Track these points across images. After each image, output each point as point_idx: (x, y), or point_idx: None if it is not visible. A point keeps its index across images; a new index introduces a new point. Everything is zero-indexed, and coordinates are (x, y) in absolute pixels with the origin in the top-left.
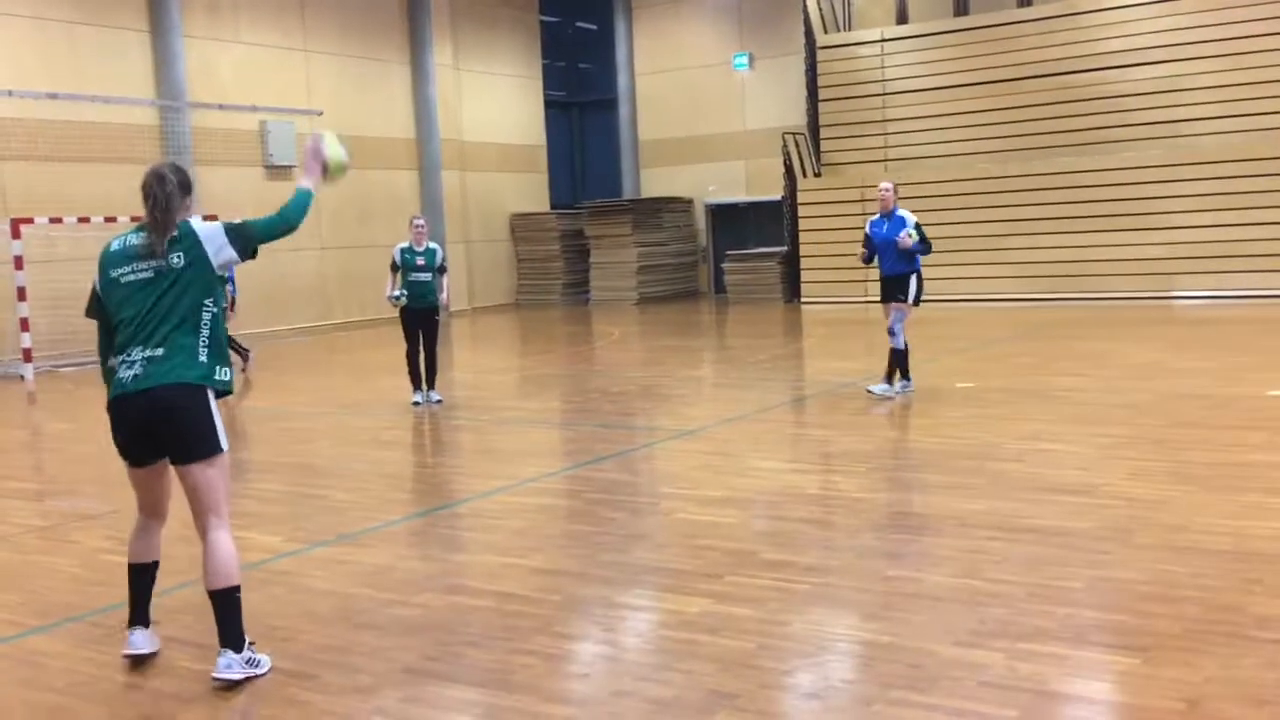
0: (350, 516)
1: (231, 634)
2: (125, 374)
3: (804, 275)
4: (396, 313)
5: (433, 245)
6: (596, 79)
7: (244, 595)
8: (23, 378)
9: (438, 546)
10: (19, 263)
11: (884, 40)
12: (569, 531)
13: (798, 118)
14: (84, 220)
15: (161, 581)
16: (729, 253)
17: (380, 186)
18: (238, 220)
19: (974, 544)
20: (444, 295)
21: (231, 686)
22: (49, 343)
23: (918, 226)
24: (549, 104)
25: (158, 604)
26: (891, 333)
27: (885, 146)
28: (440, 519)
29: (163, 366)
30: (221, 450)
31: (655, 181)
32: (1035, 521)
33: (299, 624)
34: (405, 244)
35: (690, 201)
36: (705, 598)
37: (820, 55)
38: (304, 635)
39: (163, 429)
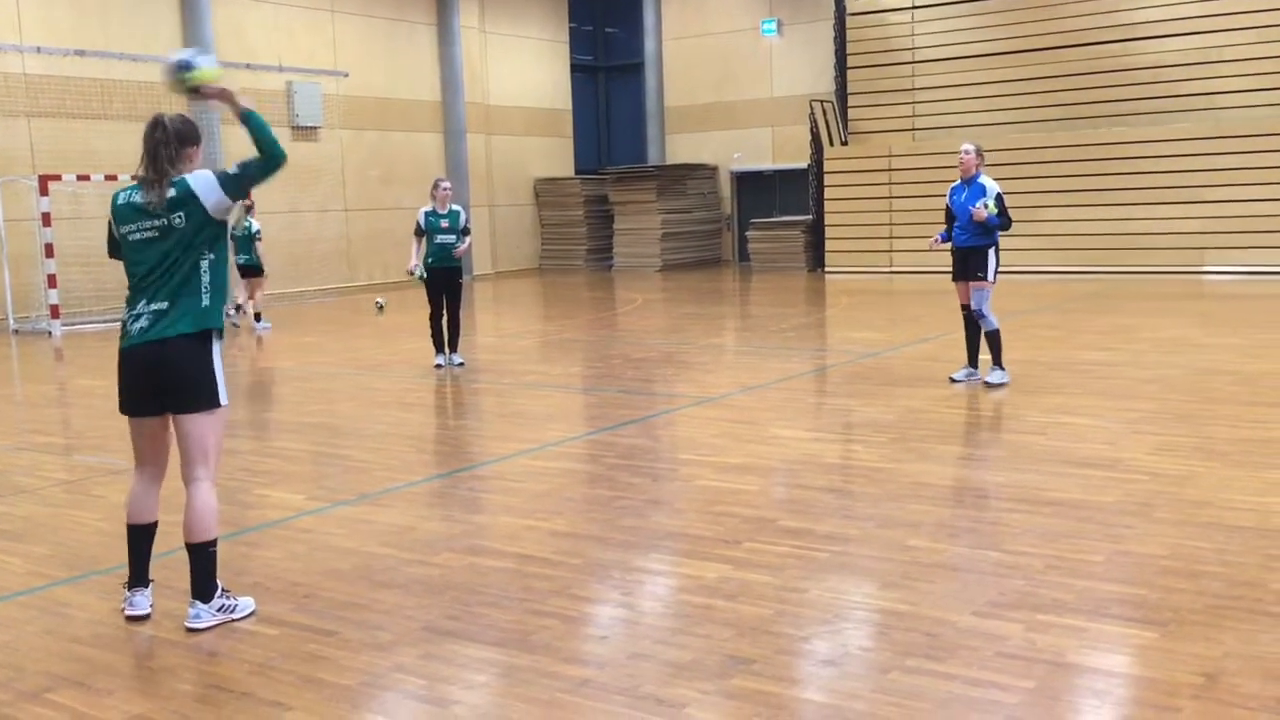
0: (372, 476)
1: (201, 586)
2: (133, 326)
3: (829, 244)
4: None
5: (456, 208)
6: (623, 43)
7: (265, 552)
8: (50, 334)
9: (458, 508)
10: (46, 219)
11: (915, 7)
12: (589, 496)
13: (825, 85)
14: (111, 178)
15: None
16: (753, 221)
17: (405, 149)
18: (233, 169)
19: (994, 515)
20: (461, 248)
21: (193, 632)
22: (76, 300)
23: (999, 198)
24: (575, 68)
25: (181, 559)
26: (980, 315)
27: (913, 115)
28: (461, 480)
29: (168, 319)
30: (220, 405)
31: (680, 148)
32: (1057, 494)
33: (320, 581)
34: (429, 207)
35: (715, 168)
36: (724, 564)
37: (850, 22)
38: (325, 592)
39: (166, 378)
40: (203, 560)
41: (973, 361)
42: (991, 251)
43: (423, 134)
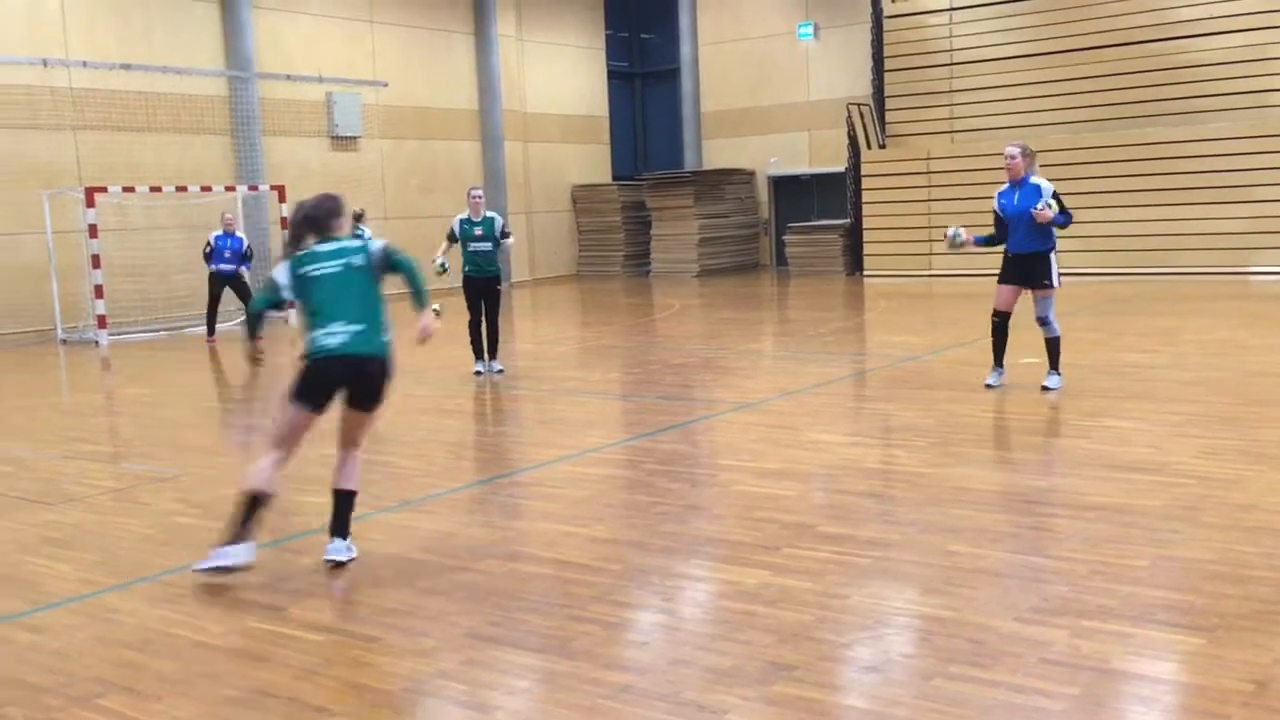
0: (413, 483)
1: (343, 526)
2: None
3: (867, 248)
4: (459, 282)
5: (490, 214)
6: (659, 49)
7: (309, 559)
8: (97, 343)
9: (499, 514)
10: (93, 231)
11: (953, 9)
12: (628, 501)
13: (863, 88)
14: (155, 189)
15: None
16: (790, 225)
17: (443, 157)
18: (395, 250)
19: (1037, 520)
20: (509, 242)
21: (336, 564)
22: (122, 310)
23: (1056, 196)
24: (611, 74)
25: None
26: (1045, 322)
27: (952, 118)
28: (501, 487)
29: (362, 337)
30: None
31: (717, 153)
32: (1100, 499)
33: (363, 587)
34: (464, 215)
35: (752, 173)
36: (764, 569)
37: (887, 25)
38: (368, 598)
39: (357, 383)
40: (347, 506)
41: (999, 362)
42: (1054, 256)
43: (461, 142)
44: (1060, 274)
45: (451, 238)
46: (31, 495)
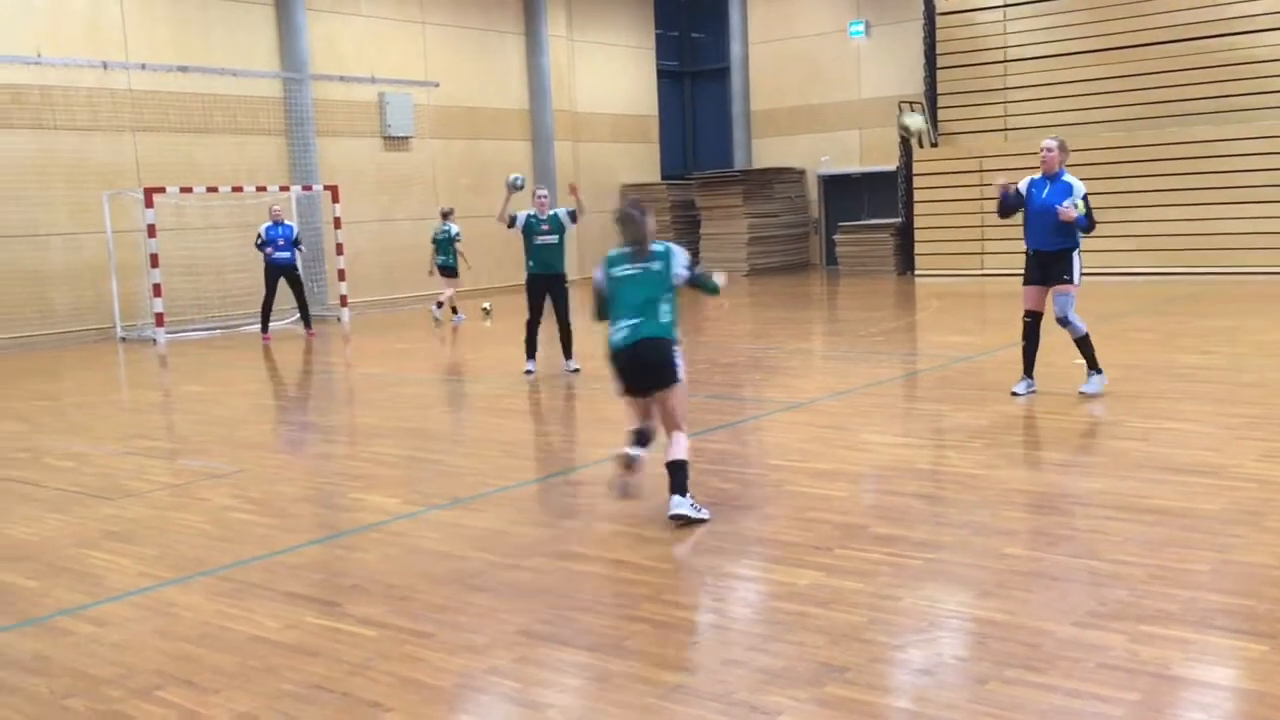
0: (464, 481)
1: (682, 486)
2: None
3: (918, 247)
4: (524, 278)
5: (554, 211)
6: (709, 48)
7: (362, 555)
8: (155, 341)
9: (550, 512)
10: (151, 230)
11: (1006, 5)
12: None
13: (914, 86)
14: (212, 190)
15: (286, 539)
16: (841, 224)
17: (494, 157)
18: (697, 265)
19: (1093, 524)
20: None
21: (687, 523)
22: (179, 308)
23: (1085, 198)
24: (661, 74)
25: (281, 561)
26: (1066, 322)
27: (1005, 116)
28: (552, 485)
29: (650, 326)
30: (680, 380)
31: (767, 151)
32: (1159, 502)
33: (415, 584)
34: (531, 211)
35: (802, 172)
36: (815, 570)
37: (939, 22)
38: (420, 595)
39: (651, 367)
40: (681, 472)
41: (1029, 372)
42: (1075, 255)
43: (511, 142)
44: (1087, 273)
45: (514, 224)
46: (92, 490)
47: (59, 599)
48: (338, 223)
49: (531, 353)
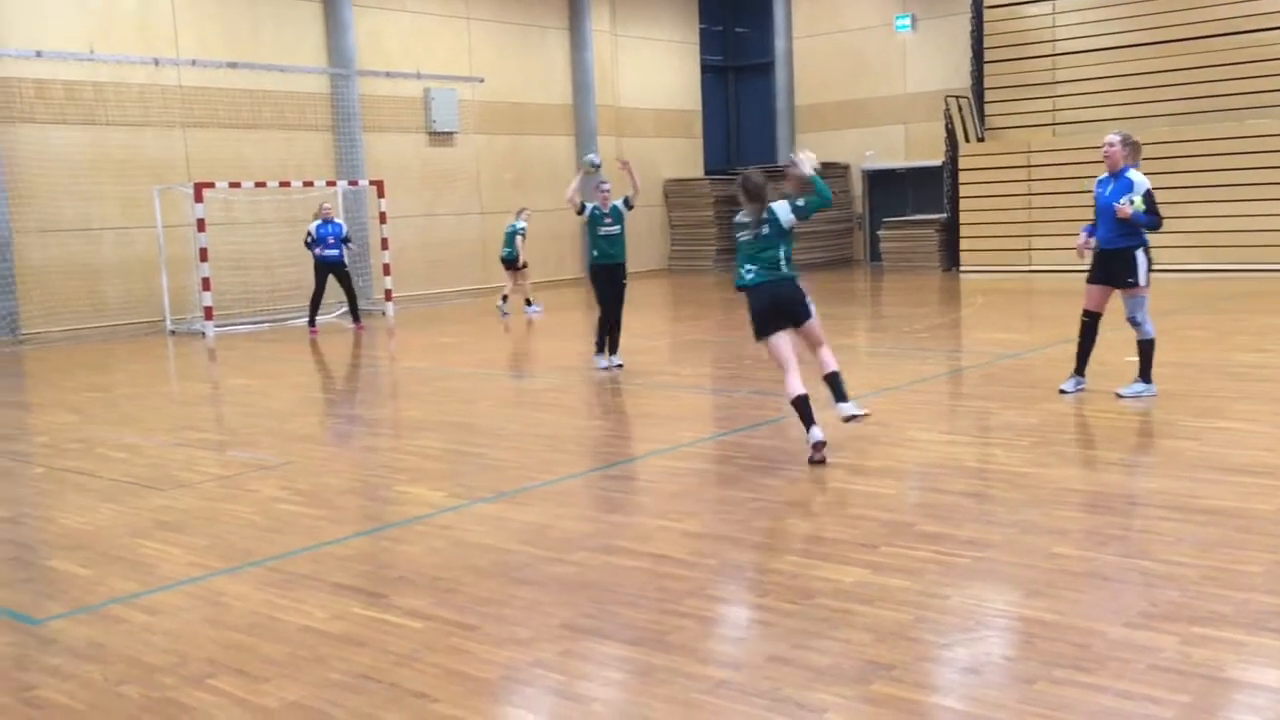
0: (509, 475)
1: (843, 393)
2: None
3: (964, 243)
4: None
5: (615, 203)
6: (753, 43)
7: (408, 547)
8: (204, 334)
9: (593, 507)
10: (201, 225)
11: None
12: (723, 497)
13: (961, 80)
14: (260, 184)
15: (333, 531)
16: (885, 220)
17: (537, 152)
18: (800, 200)
19: (1145, 523)
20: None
21: (853, 419)
22: (228, 302)
23: (1148, 195)
24: (705, 68)
25: (329, 552)
26: (1135, 323)
27: (1054, 110)
28: (595, 480)
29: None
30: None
31: (811, 146)
32: (1212, 502)
33: (460, 577)
34: (595, 203)
35: (846, 167)
36: (861, 567)
37: (987, 15)
38: (465, 588)
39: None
40: (838, 381)
41: (1081, 370)
42: (1140, 253)
43: (555, 137)
44: (1152, 271)
45: (583, 211)
46: (144, 481)
47: (112, 587)
48: (383, 218)
49: (603, 347)
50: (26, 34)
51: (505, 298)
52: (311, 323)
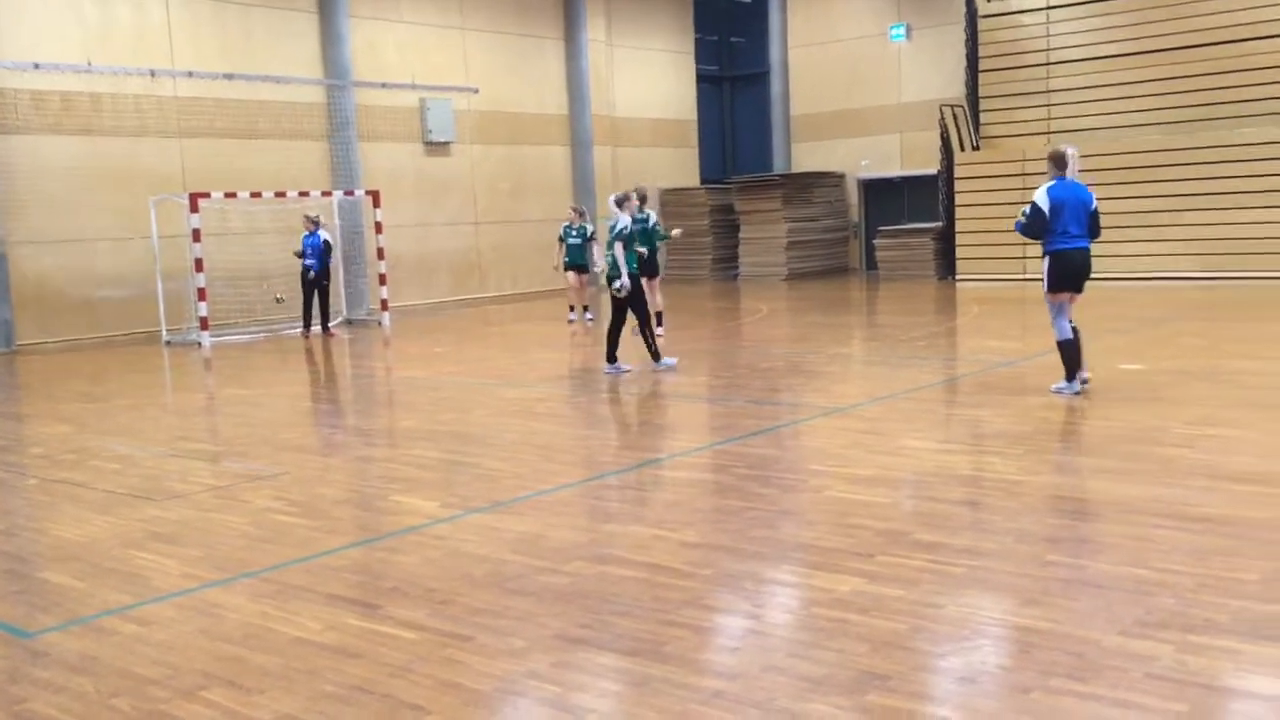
0: (503, 484)
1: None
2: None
3: (959, 252)
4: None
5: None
6: (749, 53)
7: (403, 557)
8: (199, 344)
9: (588, 516)
10: (196, 235)
11: (1050, 8)
12: (718, 506)
13: (956, 89)
14: (255, 195)
15: (328, 541)
16: (881, 228)
17: (533, 162)
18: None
19: (1139, 531)
20: (596, 265)
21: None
22: (223, 312)
23: (1032, 204)
24: (700, 78)
25: (323, 563)
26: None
27: (1049, 119)
28: (590, 490)
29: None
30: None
31: (807, 156)
32: (1207, 510)
33: (455, 587)
34: (626, 220)
35: (842, 176)
36: (856, 576)
37: (981, 24)
38: (460, 598)
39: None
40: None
41: (1079, 366)
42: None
43: (550, 147)
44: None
45: (625, 236)
46: (137, 491)
47: (105, 599)
48: (379, 227)
49: (655, 352)
50: (23, 46)
51: (586, 307)
52: (305, 328)
